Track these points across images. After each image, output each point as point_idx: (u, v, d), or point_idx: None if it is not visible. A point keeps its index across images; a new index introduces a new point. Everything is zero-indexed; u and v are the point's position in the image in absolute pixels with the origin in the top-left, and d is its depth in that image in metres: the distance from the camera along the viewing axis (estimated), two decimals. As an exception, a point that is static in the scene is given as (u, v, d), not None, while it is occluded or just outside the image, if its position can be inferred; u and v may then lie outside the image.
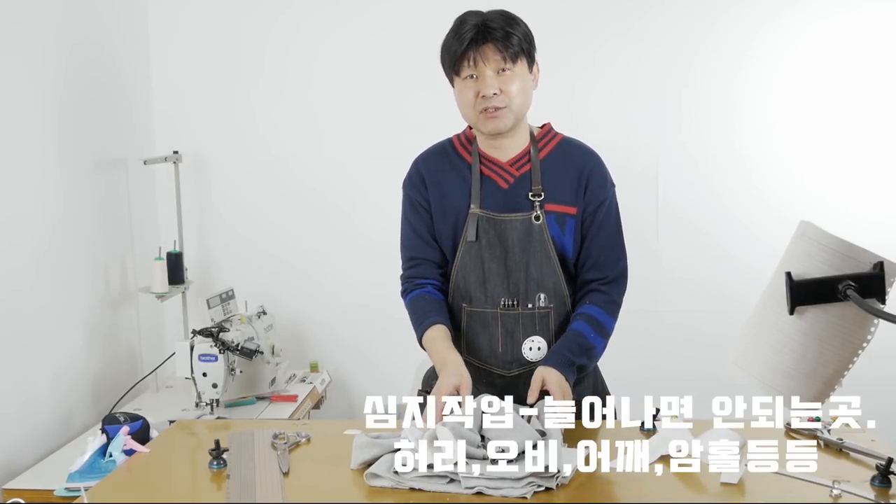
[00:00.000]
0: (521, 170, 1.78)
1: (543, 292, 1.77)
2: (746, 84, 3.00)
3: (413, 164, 1.87)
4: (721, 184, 3.04)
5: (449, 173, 1.80)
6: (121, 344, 2.85)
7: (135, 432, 1.85)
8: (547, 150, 1.79)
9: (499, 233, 1.75)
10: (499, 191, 1.77)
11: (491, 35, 1.65)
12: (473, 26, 1.66)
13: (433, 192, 1.81)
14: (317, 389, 2.91)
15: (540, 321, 1.78)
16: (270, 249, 3.19)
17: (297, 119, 3.13)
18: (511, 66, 1.67)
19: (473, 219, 1.75)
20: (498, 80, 1.67)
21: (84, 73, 2.65)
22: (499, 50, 1.65)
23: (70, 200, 2.54)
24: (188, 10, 3.11)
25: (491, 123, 1.71)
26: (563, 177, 1.77)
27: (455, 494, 1.36)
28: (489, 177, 1.78)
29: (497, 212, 1.76)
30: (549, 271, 1.76)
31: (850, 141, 2.99)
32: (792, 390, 1.20)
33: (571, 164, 1.79)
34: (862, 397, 1.46)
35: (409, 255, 1.86)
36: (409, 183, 1.85)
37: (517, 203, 1.76)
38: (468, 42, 1.65)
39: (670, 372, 3.06)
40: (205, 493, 1.42)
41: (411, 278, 1.85)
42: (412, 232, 1.84)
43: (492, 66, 1.66)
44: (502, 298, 1.77)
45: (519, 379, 1.78)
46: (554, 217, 1.76)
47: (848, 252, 1.12)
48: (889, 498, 1.34)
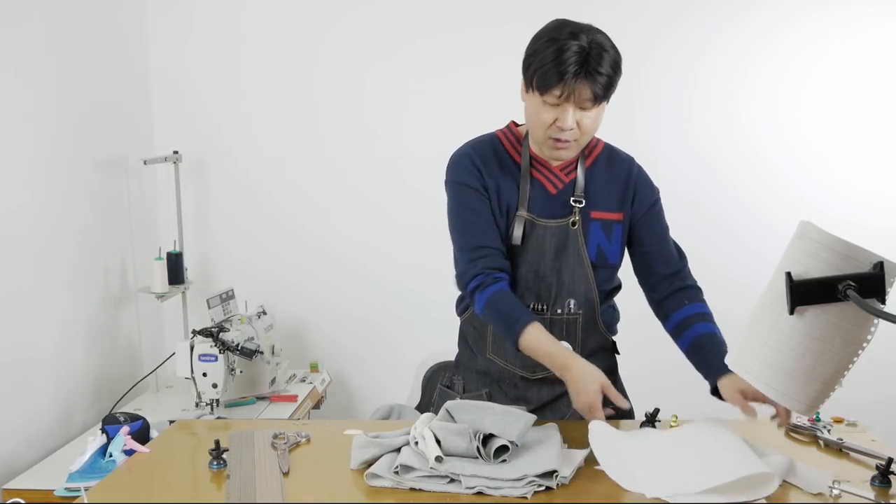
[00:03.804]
0: (570, 175, 1.75)
1: (573, 298, 1.75)
2: (752, 87, 3.01)
3: (461, 154, 1.76)
4: (720, 184, 3.04)
5: (499, 169, 1.74)
6: (121, 344, 2.85)
7: (135, 432, 1.85)
8: (593, 157, 1.78)
9: (537, 237, 1.72)
10: (547, 195, 1.74)
11: (589, 73, 1.55)
12: (577, 56, 1.54)
13: (490, 183, 1.72)
14: (317, 389, 2.91)
15: (568, 326, 1.75)
16: (270, 249, 3.19)
17: (297, 119, 3.13)
18: (595, 104, 1.61)
19: (520, 221, 1.71)
20: (578, 115, 1.61)
21: (84, 73, 2.65)
22: (591, 89, 1.57)
23: (70, 200, 2.55)
24: (188, 10, 3.11)
25: (555, 153, 1.68)
26: (609, 184, 1.76)
27: (455, 494, 1.36)
28: (539, 180, 1.74)
29: (543, 217, 1.72)
30: (581, 277, 1.74)
31: (856, 143, 3.00)
32: (792, 390, 1.20)
33: (616, 170, 1.77)
34: (862, 397, 1.46)
35: (477, 245, 1.70)
36: (465, 171, 1.73)
37: (561, 209, 1.73)
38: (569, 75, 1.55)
39: (670, 372, 3.06)
40: (205, 493, 1.42)
41: (487, 269, 1.68)
42: (478, 218, 1.71)
43: (578, 103, 1.59)
44: (531, 302, 1.74)
45: (542, 383, 1.76)
46: (601, 224, 1.74)
47: (848, 252, 1.12)
48: (889, 498, 1.34)
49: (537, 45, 1.60)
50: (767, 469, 1.31)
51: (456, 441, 1.44)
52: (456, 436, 1.44)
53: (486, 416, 1.46)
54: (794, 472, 1.39)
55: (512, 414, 1.47)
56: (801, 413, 1.21)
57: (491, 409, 1.49)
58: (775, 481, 1.30)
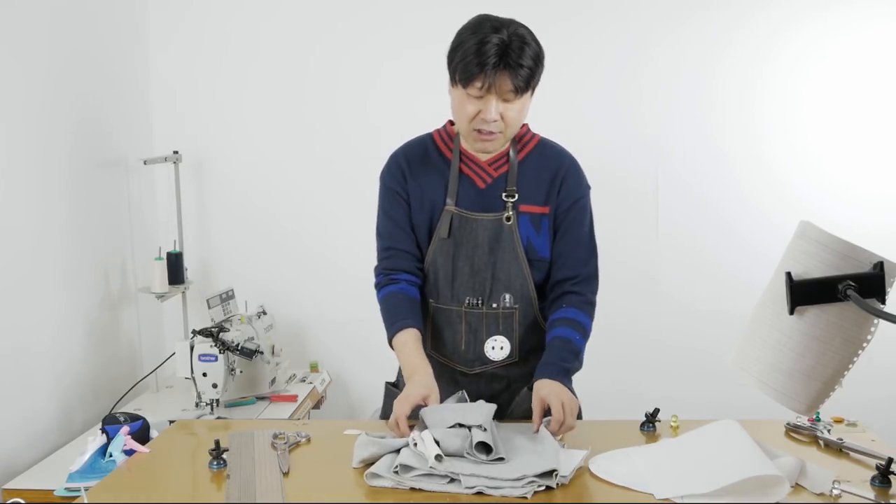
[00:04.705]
0: (500, 170, 1.79)
1: (509, 293, 1.77)
2: (753, 86, 3.01)
3: (392, 156, 1.86)
4: (722, 184, 3.04)
5: (428, 168, 1.80)
6: (121, 344, 2.85)
7: (135, 432, 1.85)
8: (525, 152, 1.81)
9: (470, 231, 1.76)
10: (475, 190, 1.78)
11: (510, 64, 1.60)
12: (497, 49, 1.59)
13: (412, 185, 1.80)
14: (317, 389, 2.91)
15: (504, 321, 1.78)
16: (270, 249, 3.19)
17: (297, 119, 3.13)
18: (518, 96, 1.65)
19: (447, 216, 1.76)
20: (501, 107, 1.66)
21: (84, 73, 2.65)
22: (512, 80, 1.62)
23: (70, 200, 2.54)
24: (188, 10, 3.11)
25: (480, 145, 1.73)
26: (539, 178, 1.79)
27: (455, 494, 1.36)
28: (468, 175, 1.79)
29: (472, 210, 1.76)
30: (517, 272, 1.77)
31: (855, 144, 2.99)
32: (792, 390, 1.20)
33: (548, 165, 1.80)
34: (862, 397, 1.46)
35: (386, 246, 1.83)
36: (389, 174, 1.83)
37: (492, 203, 1.77)
38: (489, 67, 1.60)
39: (670, 372, 3.06)
40: (205, 493, 1.42)
41: (387, 270, 1.81)
42: (389, 221, 1.82)
43: (500, 94, 1.64)
44: (467, 297, 1.77)
45: (480, 378, 1.79)
46: (529, 218, 1.77)
47: (848, 252, 1.12)
48: (889, 498, 1.34)
49: (460, 40, 1.66)
50: (779, 472, 1.31)
51: (454, 442, 1.44)
52: (454, 437, 1.45)
53: (448, 414, 1.51)
54: (805, 474, 1.39)
55: (471, 406, 1.56)
56: (802, 413, 1.21)
57: (450, 407, 1.57)
58: (786, 486, 1.30)
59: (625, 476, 1.41)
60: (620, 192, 3.02)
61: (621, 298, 3.08)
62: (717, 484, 1.31)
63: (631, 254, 3.07)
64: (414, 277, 1.80)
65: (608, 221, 3.09)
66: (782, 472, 1.32)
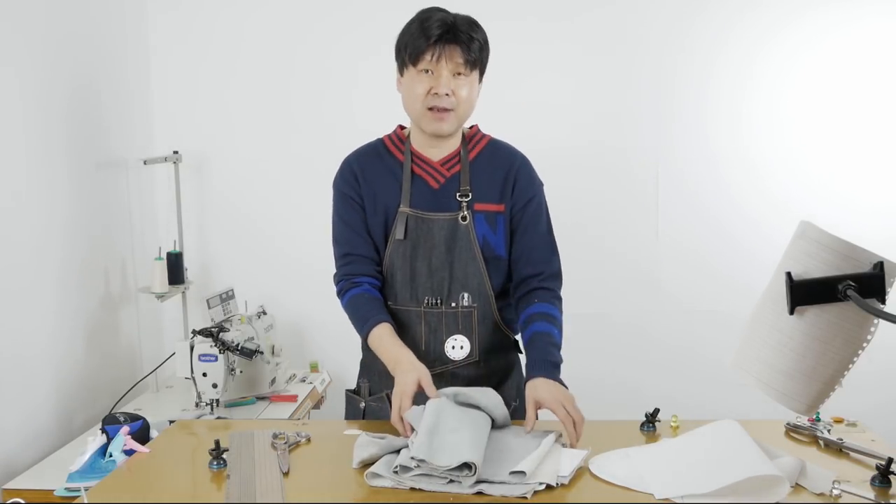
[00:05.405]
0: (452, 170, 1.81)
1: (467, 292, 1.79)
2: (754, 87, 3.01)
3: (344, 162, 1.87)
4: (722, 184, 3.04)
5: (381, 171, 1.82)
6: (121, 344, 2.85)
7: (135, 432, 1.85)
8: (476, 151, 1.83)
9: (426, 232, 1.77)
10: (429, 190, 1.79)
11: (457, 37, 1.68)
12: (441, 23, 1.68)
13: (366, 189, 1.82)
14: (317, 389, 2.91)
15: (463, 320, 1.79)
16: (270, 249, 3.19)
17: (297, 119, 3.13)
18: (468, 72, 1.71)
19: (402, 217, 1.78)
20: (452, 83, 1.70)
21: (84, 73, 2.65)
22: (462, 53, 1.68)
23: (70, 200, 2.54)
24: (188, 10, 3.10)
25: (435, 125, 1.74)
26: (491, 176, 1.81)
27: (455, 494, 1.36)
28: (420, 176, 1.80)
29: (426, 211, 1.78)
30: (474, 271, 1.78)
31: (856, 142, 2.99)
32: (792, 390, 1.20)
33: (499, 163, 1.82)
34: (862, 397, 1.46)
35: (344, 252, 1.84)
36: (342, 179, 1.85)
37: (447, 203, 1.78)
38: (436, 38, 1.67)
39: (671, 372, 3.06)
40: (205, 493, 1.42)
41: (347, 276, 1.82)
42: (346, 227, 1.83)
43: (451, 67, 1.69)
44: (426, 297, 1.79)
45: (441, 378, 1.78)
46: (484, 216, 1.79)
47: (848, 252, 1.12)
48: (889, 498, 1.34)
49: (405, 26, 1.74)
50: (779, 473, 1.31)
51: (441, 457, 1.43)
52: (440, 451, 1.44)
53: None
54: (805, 474, 1.39)
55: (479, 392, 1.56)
56: (802, 413, 1.21)
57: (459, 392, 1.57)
58: (786, 486, 1.30)
59: (625, 476, 1.41)
60: (620, 193, 3.02)
61: (621, 298, 3.08)
62: (717, 484, 1.31)
63: (631, 254, 3.07)
64: (375, 280, 1.82)
65: (608, 221, 3.12)
66: (782, 472, 1.32)
